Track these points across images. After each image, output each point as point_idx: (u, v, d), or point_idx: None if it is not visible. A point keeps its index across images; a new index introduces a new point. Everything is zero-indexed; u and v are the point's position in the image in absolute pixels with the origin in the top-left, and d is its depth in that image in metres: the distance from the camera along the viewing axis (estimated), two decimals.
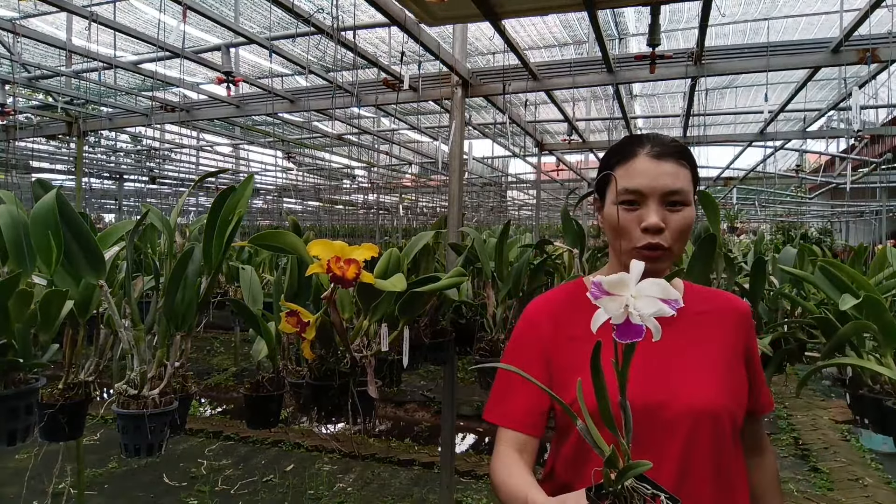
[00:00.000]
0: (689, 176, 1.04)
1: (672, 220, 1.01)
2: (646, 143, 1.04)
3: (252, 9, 3.15)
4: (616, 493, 0.76)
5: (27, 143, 5.76)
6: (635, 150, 1.04)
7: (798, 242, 3.22)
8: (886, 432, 1.73)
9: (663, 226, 1.00)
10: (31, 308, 1.54)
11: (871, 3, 2.22)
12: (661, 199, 1.01)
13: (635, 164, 1.03)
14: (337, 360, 1.68)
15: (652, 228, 0.99)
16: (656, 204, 1.00)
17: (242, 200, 1.57)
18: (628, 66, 2.89)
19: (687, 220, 1.02)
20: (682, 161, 1.03)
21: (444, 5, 1.88)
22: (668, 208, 1.01)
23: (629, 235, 1.02)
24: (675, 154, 1.03)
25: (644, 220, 1.00)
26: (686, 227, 1.02)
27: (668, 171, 1.01)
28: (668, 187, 1.00)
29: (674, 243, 1.01)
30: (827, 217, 14.43)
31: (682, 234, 1.02)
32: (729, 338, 1.07)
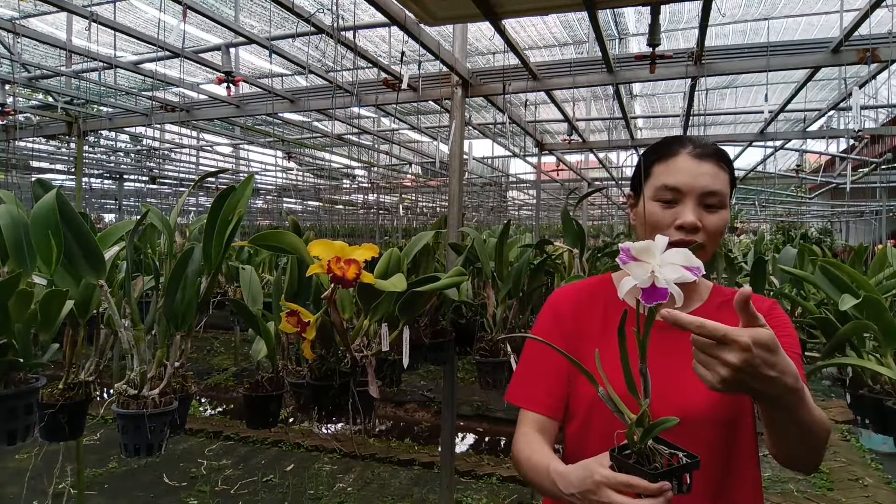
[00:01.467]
0: (727, 179, 1.05)
1: (708, 220, 1.01)
2: (687, 143, 1.05)
3: (252, 8, 3.15)
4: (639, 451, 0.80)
5: (27, 142, 5.76)
6: (677, 149, 1.05)
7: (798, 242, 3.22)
8: (887, 432, 1.73)
9: (700, 225, 1.00)
10: (31, 308, 1.54)
11: (872, 3, 2.21)
12: (699, 199, 1.01)
13: (676, 161, 1.04)
14: (337, 360, 1.68)
15: (688, 227, 1.00)
16: (693, 203, 1.01)
17: (242, 200, 1.56)
18: (628, 66, 2.89)
19: (723, 221, 1.02)
20: (722, 164, 1.04)
21: (444, 5, 1.88)
22: (704, 209, 1.02)
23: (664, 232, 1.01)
24: (716, 156, 1.04)
25: (680, 217, 1.00)
26: (721, 228, 1.02)
27: (708, 171, 1.02)
28: (707, 187, 1.01)
29: (708, 244, 1.02)
30: (827, 217, 14.43)
31: (717, 235, 1.02)
32: None
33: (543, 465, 0.95)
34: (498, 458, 5.15)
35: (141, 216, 1.65)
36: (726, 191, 1.04)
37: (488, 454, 5.28)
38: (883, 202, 8.18)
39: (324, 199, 11.12)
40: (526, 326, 2.39)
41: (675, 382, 0.99)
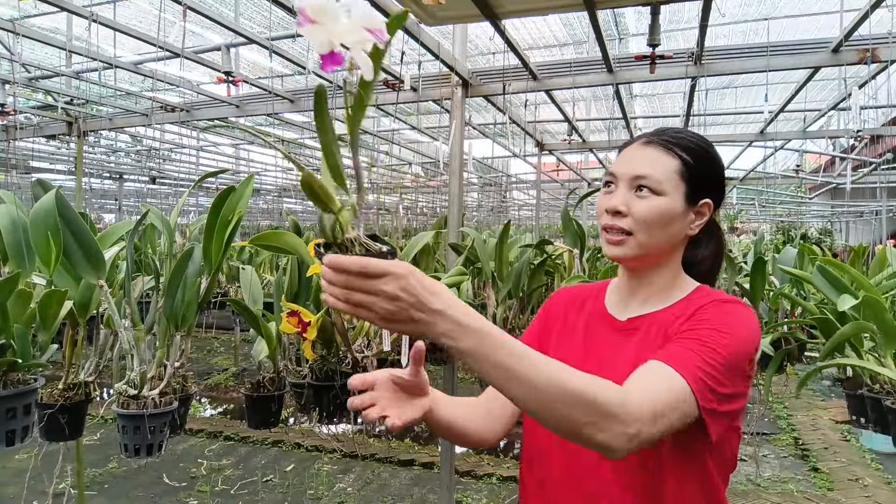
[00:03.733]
0: (674, 166, 0.97)
1: (635, 206, 0.96)
2: (649, 133, 1.02)
3: (252, 8, 3.15)
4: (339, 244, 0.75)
5: (27, 143, 5.76)
6: (635, 140, 1.04)
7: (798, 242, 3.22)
8: (886, 431, 1.73)
9: (623, 209, 0.97)
10: (30, 308, 1.54)
11: (872, 3, 2.22)
12: (630, 184, 0.98)
13: (626, 150, 1.03)
14: (338, 361, 1.68)
15: (609, 210, 0.98)
16: (625, 188, 0.98)
17: (242, 201, 1.56)
18: (628, 67, 2.89)
19: (652, 209, 0.95)
20: (671, 150, 0.98)
21: (444, 5, 1.88)
22: (635, 193, 0.97)
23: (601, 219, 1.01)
24: (664, 142, 0.99)
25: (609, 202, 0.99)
26: (651, 216, 0.95)
27: (646, 156, 0.98)
28: (635, 171, 0.97)
29: (637, 230, 0.96)
30: (827, 217, 14.43)
31: (647, 223, 0.96)
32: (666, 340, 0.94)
33: None
34: (498, 458, 5.15)
35: (141, 216, 1.65)
36: (666, 178, 0.96)
37: (488, 454, 5.27)
38: (883, 202, 8.19)
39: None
40: (526, 326, 2.39)
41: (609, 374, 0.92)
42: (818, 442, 5.31)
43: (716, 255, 1.07)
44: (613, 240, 0.98)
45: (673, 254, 1.03)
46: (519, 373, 0.71)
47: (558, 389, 0.71)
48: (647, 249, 0.98)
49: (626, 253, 0.98)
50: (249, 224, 10.96)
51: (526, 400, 0.72)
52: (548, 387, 0.71)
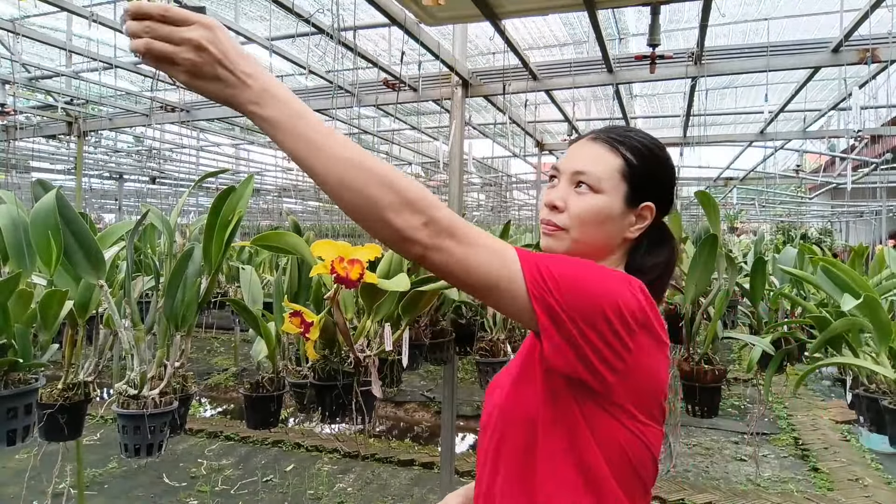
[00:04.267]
0: (616, 165, 0.95)
1: (571, 201, 0.95)
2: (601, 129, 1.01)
3: (252, 9, 3.15)
4: None
5: (27, 143, 5.76)
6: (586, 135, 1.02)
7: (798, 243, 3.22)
8: (882, 431, 1.73)
9: (560, 204, 0.96)
10: (30, 308, 1.54)
11: (872, 3, 2.22)
12: (570, 179, 0.97)
13: (574, 144, 1.02)
14: (341, 360, 1.68)
15: (548, 204, 0.98)
16: (566, 183, 0.97)
17: (242, 201, 1.56)
18: (628, 67, 2.89)
19: (587, 207, 0.94)
20: (616, 149, 0.96)
21: (444, 5, 1.88)
22: (575, 189, 0.96)
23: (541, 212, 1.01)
24: (611, 140, 0.97)
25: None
26: (585, 214, 0.94)
27: (589, 153, 0.97)
28: (574, 167, 0.96)
29: (571, 227, 0.95)
30: (827, 217, 14.43)
31: (581, 220, 0.94)
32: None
33: None
34: None
35: (141, 216, 1.65)
36: (605, 175, 0.94)
37: None
38: (883, 202, 8.19)
39: (324, 199, 11.11)
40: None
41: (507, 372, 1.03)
42: (818, 442, 5.31)
43: (666, 265, 1.01)
44: (547, 231, 0.98)
45: (610, 256, 0.99)
46: (324, 147, 0.72)
47: (368, 171, 0.73)
48: (581, 247, 0.96)
49: (558, 247, 0.97)
50: (249, 224, 10.95)
51: (327, 175, 0.73)
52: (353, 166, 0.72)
